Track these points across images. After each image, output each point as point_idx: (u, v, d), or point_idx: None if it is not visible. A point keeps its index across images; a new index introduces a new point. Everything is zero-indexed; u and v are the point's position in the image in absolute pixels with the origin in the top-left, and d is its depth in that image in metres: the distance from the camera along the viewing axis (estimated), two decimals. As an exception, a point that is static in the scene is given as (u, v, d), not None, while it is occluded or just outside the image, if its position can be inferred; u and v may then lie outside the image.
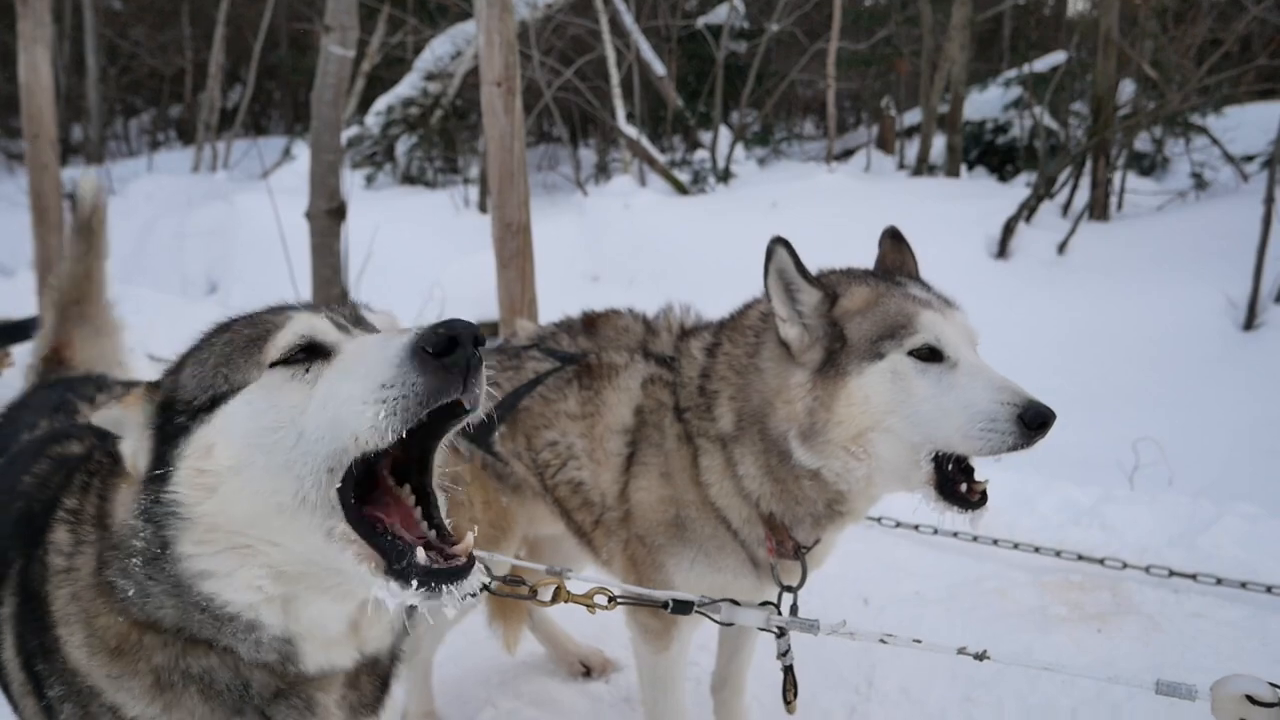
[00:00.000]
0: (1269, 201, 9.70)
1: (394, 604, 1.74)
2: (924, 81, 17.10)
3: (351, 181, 14.57)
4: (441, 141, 18.72)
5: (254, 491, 1.75)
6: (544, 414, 3.16)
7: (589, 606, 2.70)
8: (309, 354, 1.79)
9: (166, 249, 14.39)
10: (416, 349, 1.63)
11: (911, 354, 2.56)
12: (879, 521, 5.14)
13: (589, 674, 4.14)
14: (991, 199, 13.15)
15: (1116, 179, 13.43)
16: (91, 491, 2.00)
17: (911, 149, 17.80)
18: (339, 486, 1.70)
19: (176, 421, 1.81)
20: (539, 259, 5.68)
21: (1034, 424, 2.41)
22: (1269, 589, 4.37)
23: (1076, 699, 3.82)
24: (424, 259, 12.69)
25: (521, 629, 3.99)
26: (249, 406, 1.77)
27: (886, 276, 2.86)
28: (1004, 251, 11.91)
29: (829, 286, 2.72)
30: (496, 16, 5.36)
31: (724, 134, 17.53)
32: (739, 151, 17.54)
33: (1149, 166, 15.45)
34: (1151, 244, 11.48)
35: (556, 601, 2.67)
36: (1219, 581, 4.48)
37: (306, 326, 1.82)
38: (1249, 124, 13.81)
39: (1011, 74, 17.48)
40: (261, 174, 17.38)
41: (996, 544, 4.91)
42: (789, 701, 2.91)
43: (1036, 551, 4.84)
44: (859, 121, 22.60)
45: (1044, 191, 12.84)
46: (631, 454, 2.99)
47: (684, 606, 2.71)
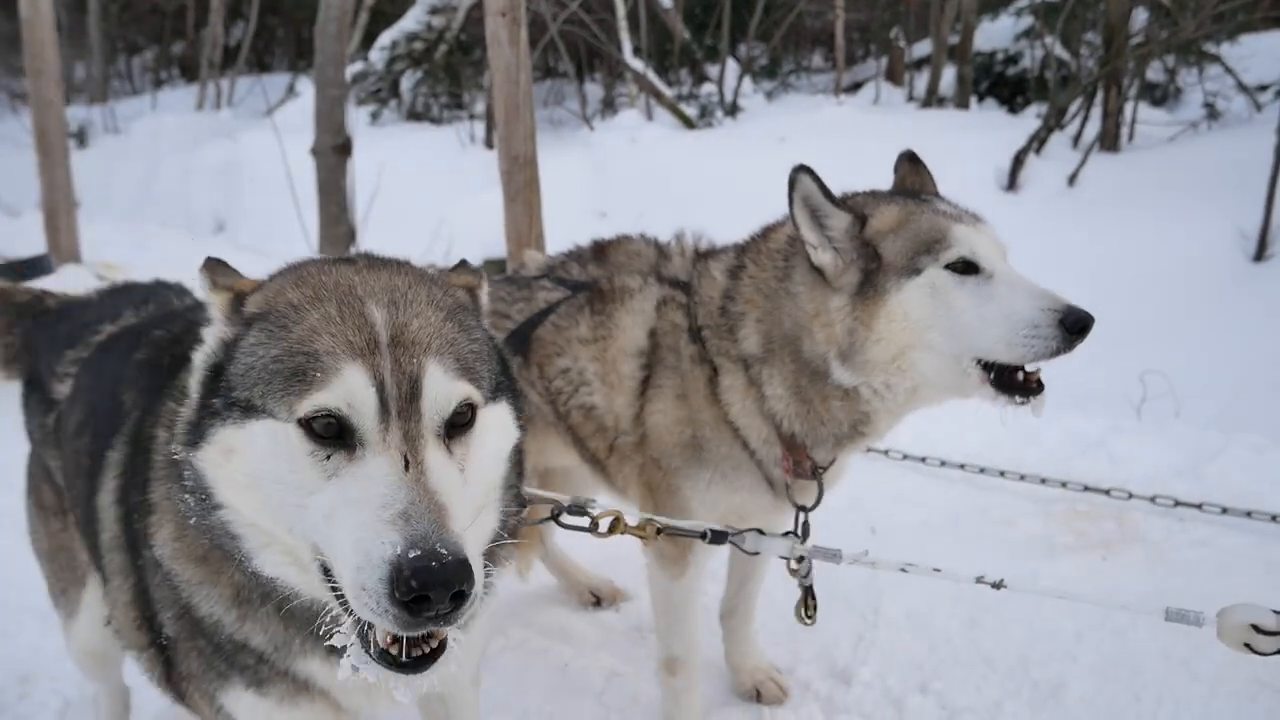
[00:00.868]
0: (1282, 131, 9.61)
1: (354, 671, 1.65)
2: (934, 12, 16.87)
3: (357, 118, 14.49)
4: (447, 77, 18.56)
5: (266, 517, 1.71)
6: (556, 341, 3.17)
7: (642, 538, 2.75)
8: (338, 433, 1.62)
9: (172, 187, 14.38)
10: (392, 587, 1.45)
11: (948, 267, 2.58)
12: (886, 454, 5.17)
13: (599, 603, 4.20)
14: (1002, 131, 13.05)
15: (1128, 109, 13.29)
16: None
17: (921, 81, 17.61)
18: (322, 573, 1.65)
19: (214, 400, 1.72)
20: (546, 195, 5.66)
21: (1075, 328, 2.46)
22: (1274, 517, 4.40)
23: (1081, 624, 3.88)
24: (431, 195, 12.67)
25: (534, 557, 4.04)
26: (271, 447, 1.65)
27: (912, 195, 2.87)
28: (1014, 184, 11.84)
29: (857, 209, 2.71)
30: (500, -53, 5.29)
31: (731, 67, 17.36)
32: (746, 85, 17.40)
33: (1161, 97, 15.28)
34: (1162, 175, 11.40)
35: (614, 533, 2.72)
36: (1224, 511, 4.51)
37: (345, 397, 1.62)
38: (1264, 52, 13.64)
39: (1023, 3, 17.22)
40: (266, 111, 17.30)
41: (1004, 475, 4.95)
42: (810, 616, 2.95)
43: (1043, 482, 4.87)
44: (868, 54, 22.33)
45: (1054, 123, 12.72)
46: (646, 377, 2.99)
47: (720, 537, 2.75)
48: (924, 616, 3.99)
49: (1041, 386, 2.61)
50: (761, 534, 2.80)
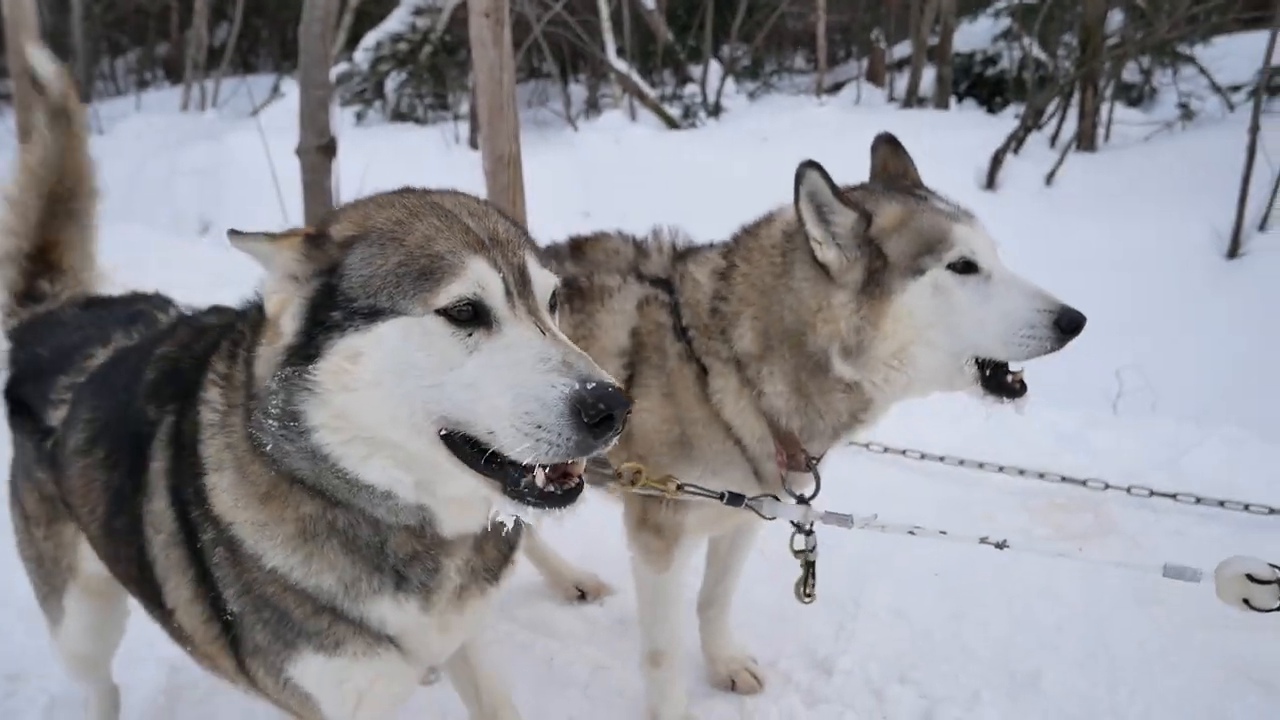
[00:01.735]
0: (1254, 131, 9.71)
1: (511, 519, 1.87)
2: (914, 13, 16.95)
3: (342, 119, 14.46)
4: (431, 78, 18.52)
5: (386, 408, 1.85)
6: None
7: (662, 492, 2.83)
8: (474, 314, 1.83)
9: (157, 188, 14.31)
10: (576, 410, 1.70)
11: (949, 267, 2.65)
12: (868, 447, 5.23)
13: (583, 597, 4.24)
14: (980, 130, 13.12)
15: (1104, 109, 13.38)
16: (239, 358, 2.08)
17: (901, 81, 17.67)
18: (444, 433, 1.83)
19: (333, 314, 1.86)
20: (530, 195, 5.69)
21: (1069, 328, 2.56)
22: (1246, 506, 4.48)
23: (1060, 615, 3.95)
24: (415, 196, 12.63)
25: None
26: (406, 340, 1.81)
27: (908, 191, 2.91)
28: (992, 183, 11.92)
29: (861, 206, 2.75)
30: (484, -52, 5.33)
31: (714, 68, 17.39)
32: (729, 85, 17.42)
33: (1137, 97, 15.38)
34: (1138, 174, 11.50)
35: (636, 485, 2.81)
36: (1198, 501, 4.59)
37: (478, 284, 1.83)
38: (1236, 54, 13.74)
39: (1001, 5, 17.31)
40: (251, 112, 17.23)
41: (983, 467, 5.01)
42: (809, 594, 3.02)
43: (1021, 474, 4.93)
44: (849, 54, 22.40)
45: (1032, 123, 12.82)
46: (630, 376, 3.01)
47: (736, 499, 2.82)
48: (904, 608, 4.05)
49: (1025, 387, 2.71)
50: (776, 500, 2.89)
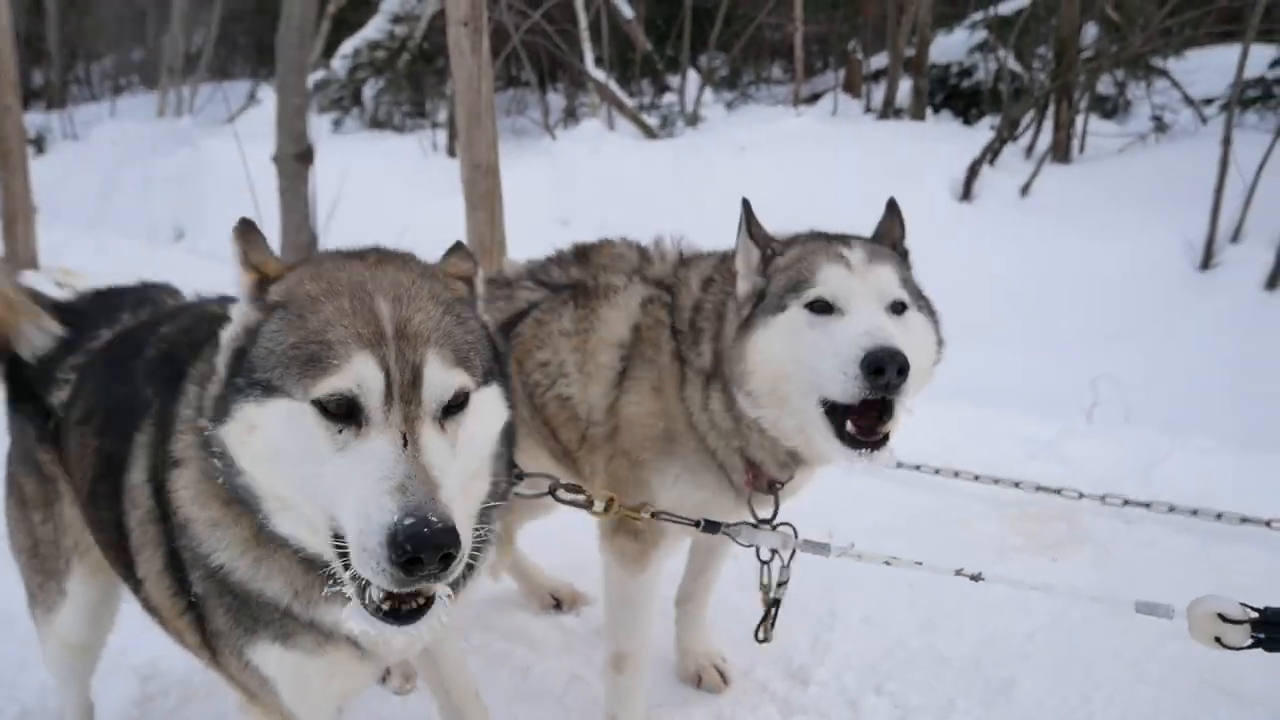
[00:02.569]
0: (1226, 143, 9.83)
1: (355, 626, 1.85)
2: (890, 25, 17.04)
3: (319, 126, 14.44)
4: (409, 85, 18.53)
5: (283, 485, 1.88)
6: (537, 335, 3.20)
7: (635, 518, 2.84)
8: (348, 410, 1.80)
9: (132, 195, 14.25)
10: (390, 541, 1.66)
11: (808, 306, 2.63)
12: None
13: (559, 607, 4.21)
14: (956, 142, 13.22)
15: (1079, 121, 13.51)
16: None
17: (878, 92, 17.75)
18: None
19: (238, 380, 1.88)
20: (508, 204, 5.69)
21: (869, 367, 2.41)
22: (1218, 515, 4.49)
23: (1033, 625, 3.96)
24: (393, 203, 12.63)
25: (508, 558, 4.06)
26: (289, 423, 1.82)
27: (834, 236, 2.90)
28: (968, 194, 12.00)
29: (771, 245, 2.80)
30: (463, -43, 5.33)
31: (692, 78, 17.47)
32: (707, 95, 17.49)
33: (1111, 109, 15.53)
34: (1112, 186, 11.61)
35: (609, 512, 2.82)
36: (1171, 510, 4.60)
37: (355, 381, 1.80)
38: (1209, 67, 13.91)
39: (977, 17, 17.44)
40: (227, 119, 17.19)
41: (958, 476, 5.03)
42: (767, 637, 3.03)
43: (996, 483, 4.94)
44: (826, 65, 22.46)
45: (1007, 134, 12.93)
46: (624, 369, 3.04)
47: (713, 527, 2.82)
48: (879, 619, 4.05)
49: (886, 439, 2.55)
50: (755, 527, 2.88)
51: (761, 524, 2.94)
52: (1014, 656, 3.78)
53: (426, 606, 1.81)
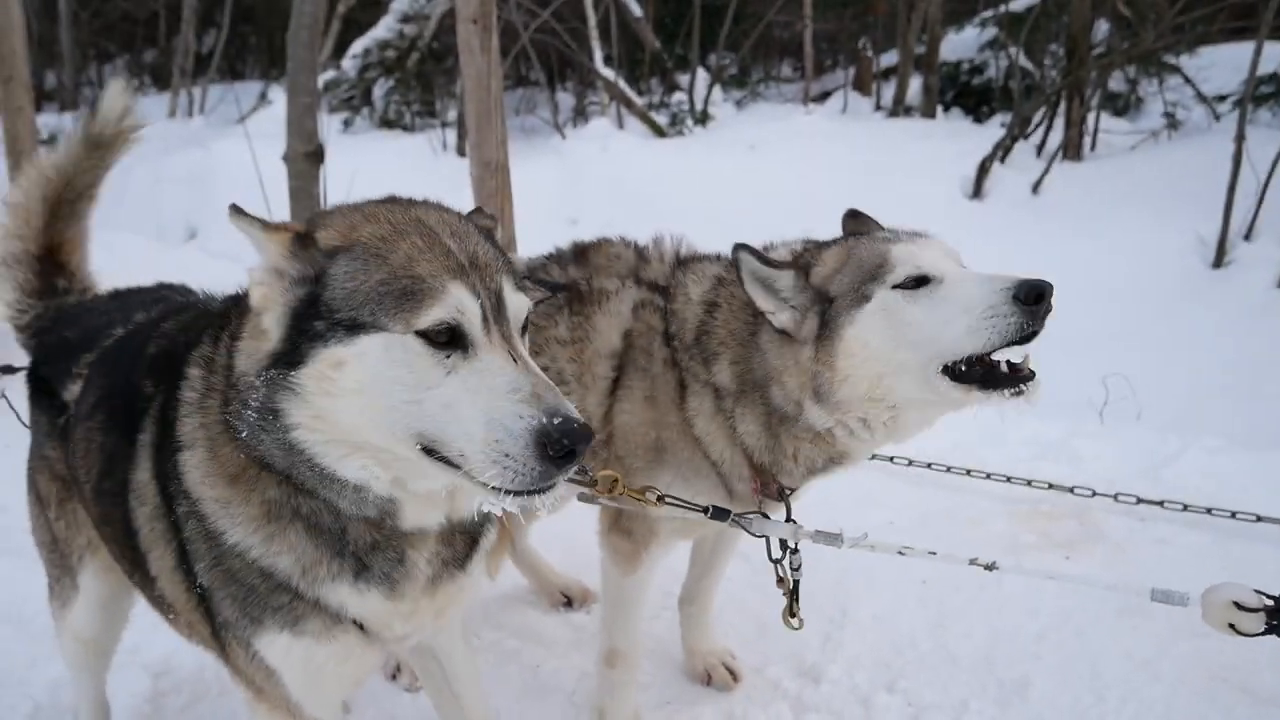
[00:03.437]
0: (1239, 140, 9.78)
1: (496, 510, 1.94)
2: (901, 22, 17.01)
3: (329, 126, 14.43)
4: (419, 85, 18.54)
5: (367, 416, 1.91)
6: (533, 340, 3.19)
7: (641, 501, 2.83)
8: (451, 337, 1.89)
9: (143, 195, 14.24)
10: (541, 442, 1.79)
11: (896, 287, 2.58)
12: (854, 455, 5.22)
13: (570, 604, 4.23)
14: (967, 140, 13.19)
15: (1090, 119, 13.47)
16: (223, 342, 2.13)
17: (888, 90, 17.73)
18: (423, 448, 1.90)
19: (316, 324, 1.91)
20: (518, 202, 5.70)
21: (1029, 298, 2.40)
22: (1233, 514, 4.47)
23: (1043, 624, 3.95)
24: (402, 203, 12.61)
25: (503, 555, 4.06)
26: (387, 355, 1.87)
27: (852, 234, 2.92)
28: (979, 192, 11.98)
29: (798, 263, 2.76)
30: (472, -46, 5.34)
31: (701, 76, 17.44)
32: (716, 94, 17.47)
33: (1122, 106, 15.49)
34: (1124, 183, 11.57)
35: (613, 493, 2.81)
36: (1185, 508, 4.57)
37: (457, 309, 1.89)
38: (1222, 63, 13.86)
39: (988, 14, 17.41)
40: (238, 119, 17.15)
41: (970, 473, 5.00)
42: (794, 614, 3.00)
43: (1008, 481, 4.92)
44: (836, 63, 22.44)
45: (1018, 132, 12.90)
46: (617, 378, 3.03)
47: (721, 514, 2.81)
48: (890, 618, 4.05)
49: (1033, 374, 2.54)
50: (766, 517, 2.87)
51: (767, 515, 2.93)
52: (1025, 655, 3.78)
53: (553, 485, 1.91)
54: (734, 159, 12.85)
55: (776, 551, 2.97)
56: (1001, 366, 2.54)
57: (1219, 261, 9.90)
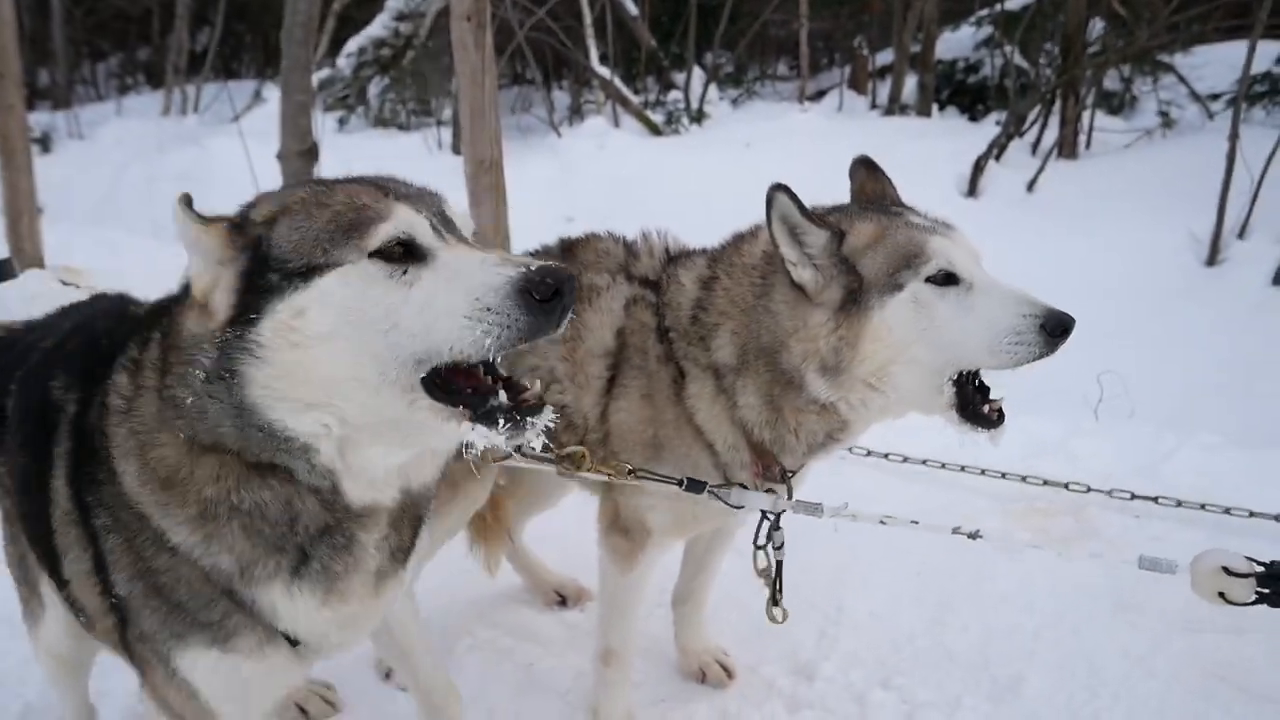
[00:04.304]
0: (1233, 139, 9.79)
1: (484, 443, 1.92)
2: (896, 21, 17.04)
3: (324, 124, 14.45)
4: (414, 83, 18.54)
5: (338, 361, 1.90)
6: None
7: (611, 477, 2.84)
8: (406, 252, 1.91)
9: (137, 194, 14.24)
10: (523, 290, 1.80)
11: (929, 280, 2.58)
12: (849, 450, 5.21)
13: (565, 603, 4.21)
14: (962, 138, 13.20)
15: (1085, 117, 13.49)
16: (153, 342, 2.10)
17: (884, 89, 17.75)
18: (423, 375, 1.89)
19: (269, 277, 1.90)
20: (514, 200, 5.69)
21: (1055, 331, 2.48)
22: (1226, 510, 4.47)
23: (1039, 621, 3.95)
24: (397, 201, 12.61)
25: (502, 552, 4.06)
26: (346, 288, 1.88)
27: (884, 208, 2.88)
28: (974, 190, 11.99)
29: (834, 225, 2.70)
30: (466, -48, 5.33)
31: (697, 75, 17.44)
32: (712, 92, 17.48)
33: (1117, 105, 15.50)
34: (1119, 182, 11.59)
35: (581, 469, 2.82)
36: (1179, 504, 4.57)
37: (407, 225, 1.92)
38: (1216, 62, 13.88)
39: (983, 13, 17.42)
40: (232, 117, 17.15)
41: (964, 469, 5.00)
42: (777, 604, 3.01)
43: (1003, 477, 4.90)
44: (832, 62, 22.48)
45: (1014, 130, 12.91)
46: (612, 377, 3.01)
47: (697, 486, 2.81)
48: (886, 615, 4.04)
49: (1002, 418, 2.65)
50: (744, 488, 2.86)
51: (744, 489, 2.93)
52: (1021, 652, 3.77)
53: (539, 407, 1.95)
54: (729, 157, 12.85)
55: (762, 538, 2.97)
56: (984, 406, 2.65)
57: (1213, 259, 9.91)
